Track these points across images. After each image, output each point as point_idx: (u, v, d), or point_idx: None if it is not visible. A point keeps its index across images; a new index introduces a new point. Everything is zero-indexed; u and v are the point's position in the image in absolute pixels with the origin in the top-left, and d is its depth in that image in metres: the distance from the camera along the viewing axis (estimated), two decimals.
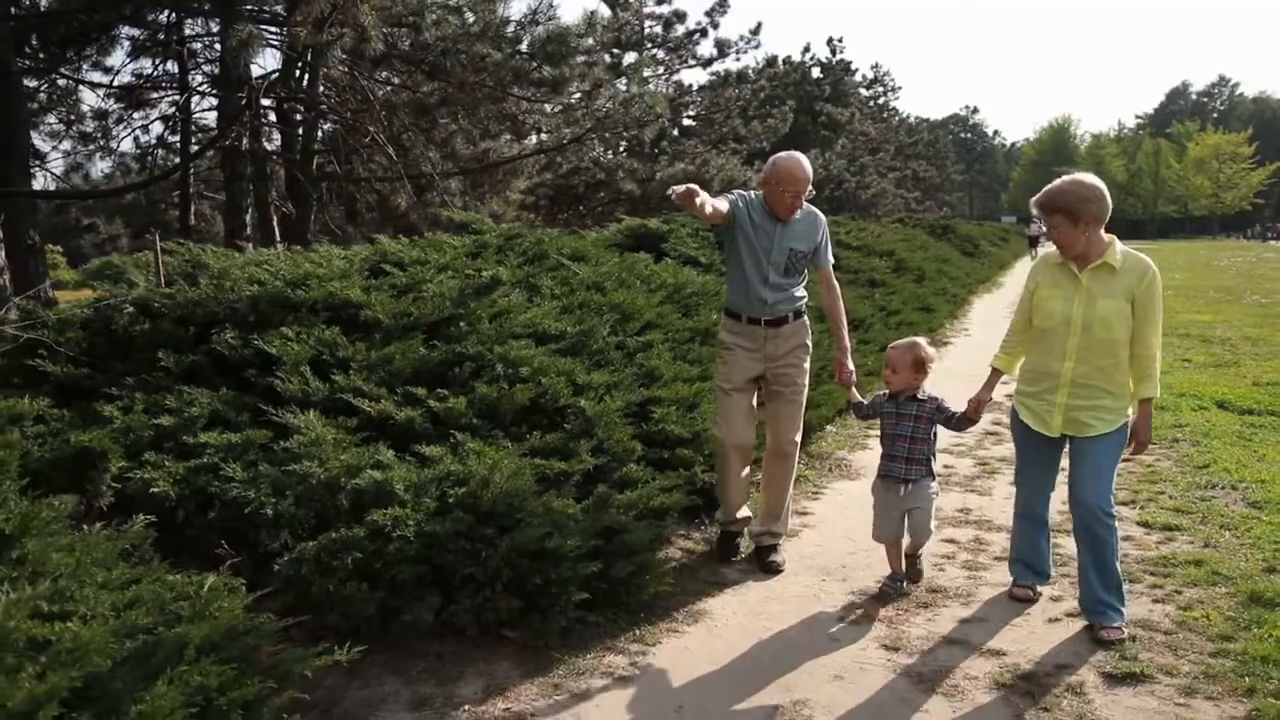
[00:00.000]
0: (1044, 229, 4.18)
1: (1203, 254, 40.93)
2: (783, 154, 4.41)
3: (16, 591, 2.48)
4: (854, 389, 4.45)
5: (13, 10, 12.27)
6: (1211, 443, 6.53)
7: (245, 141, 13.16)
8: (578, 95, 11.67)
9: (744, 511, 4.60)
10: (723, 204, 4.28)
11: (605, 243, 8.41)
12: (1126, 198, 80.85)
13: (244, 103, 11.21)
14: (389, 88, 13.81)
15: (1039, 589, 4.05)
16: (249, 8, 10.32)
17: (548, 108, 12.14)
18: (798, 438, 4.55)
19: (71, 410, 4.04)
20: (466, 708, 3.14)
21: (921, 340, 4.19)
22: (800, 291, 4.50)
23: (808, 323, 4.55)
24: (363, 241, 15.48)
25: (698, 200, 3.93)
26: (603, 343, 5.28)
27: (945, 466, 6.05)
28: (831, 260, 4.61)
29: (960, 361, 10.31)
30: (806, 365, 4.52)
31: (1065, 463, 3.87)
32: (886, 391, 4.20)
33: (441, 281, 5.21)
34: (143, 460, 3.73)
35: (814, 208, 4.53)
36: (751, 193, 4.50)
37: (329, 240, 16.33)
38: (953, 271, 18.73)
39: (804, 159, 4.38)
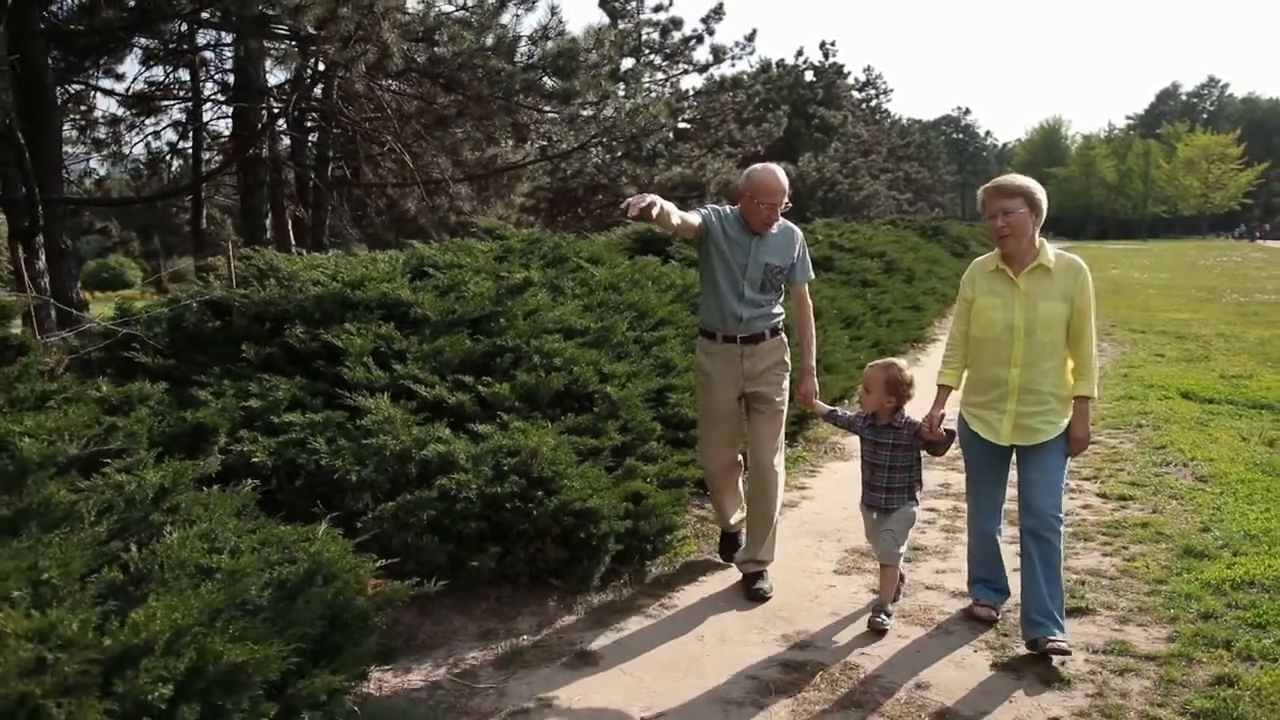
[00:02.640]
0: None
1: (1190, 254, 41.69)
2: (758, 165, 4.29)
3: (179, 532, 3.11)
4: (819, 401, 4.39)
5: (43, 26, 12.87)
6: (1171, 427, 7.19)
7: (265, 149, 13.78)
8: (585, 105, 12.30)
9: (738, 515, 4.65)
10: (694, 217, 4.19)
11: (616, 246, 9.05)
12: (1117, 198, 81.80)
13: (273, 113, 11.79)
14: (401, 96, 14.41)
15: (1000, 610, 3.96)
16: (274, 25, 10.90)
17: (556, 117, 12.76)
18: (779, 461, 4.43)
19: (169, 395, 4.66)
20: (525, 637, 3.78)
21: (900, 362, 4.08)
22: (777, 308, 4.39)
23: (785, 340, 4.45)
24: (364, 244, 16.08)
25: (656, 210, 3.76)
26: (622, 337, 5.90)
27: None
28: (810, 276, 4.51)
29: None
30: (785, 384, 4.42)
31: (1013, 474, 3.91)
32: (866, 412, 4.11)
33: (478, 282, 5.83)
34: (238, 436, 4.36)
35: (790, 222, 4.44)
36: (726, 207, 4.39)
37: (338, 243, 16.96)
38: (942, 271, 19.39)
39: (779, 170, 4.25)
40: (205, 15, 10.46)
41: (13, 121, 9.28)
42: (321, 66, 13.11)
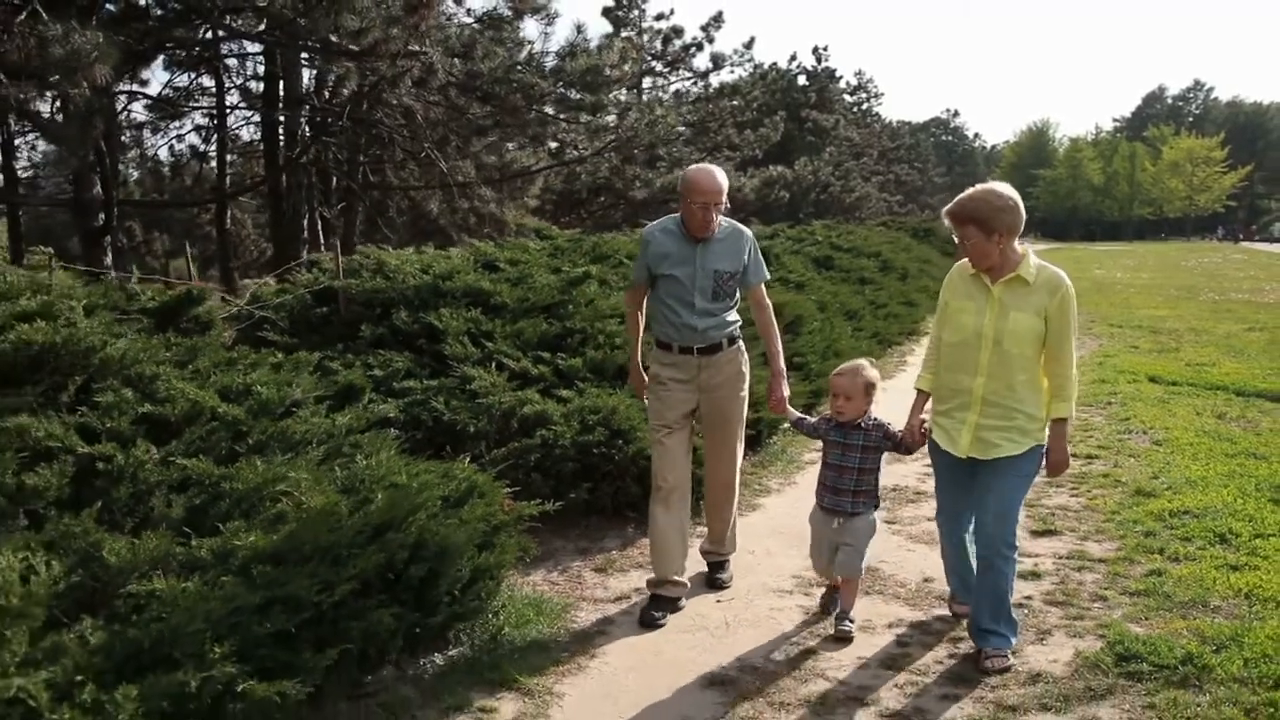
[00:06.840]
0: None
1: (1173, 255, 42.87)
2: (692, 166, 4.19)
3: (366, 460, 4.10)
4: (791, 409, 4.33)
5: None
6: (1136, 404, 8.24)
7: (302, 155, 14.77)
8: (610, 117, 13.34)
9: (680, 576, 4.21)
10: (636, 292, 4.41)
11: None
12: (1103, 200, 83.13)
13: (320, 122, 12.78)
14: (429, 105, 15.38)
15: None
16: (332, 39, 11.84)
17: (580, 126, 13.77)
18: (737, 469, 4.47)
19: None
20: (614, 552, 4.81)
21: (865, 362, 4.06)
22: (732, 315, 4.28)
23: (743, 348, 4.34)
24: (369, 243, 16.99)
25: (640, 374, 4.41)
26: None
27: None
28: (765, 276, 4.37)
29: None
30: (743, 394, 4.31)
31: None
32: (831, 417, 4.04)
33: (544, 275, 6.85)
34: (370, 398, 5.36)
35: (738, 223, 4.29)
36: (668, 220, 4.29)
37: (366, 242, 17.94)
38: (934, 270, 20.46)
39: (716, 169, 4.09)
40: (273, 36, 11.38)
41: (99, 130, 10.26)
42: (355, 78, 14.10)
